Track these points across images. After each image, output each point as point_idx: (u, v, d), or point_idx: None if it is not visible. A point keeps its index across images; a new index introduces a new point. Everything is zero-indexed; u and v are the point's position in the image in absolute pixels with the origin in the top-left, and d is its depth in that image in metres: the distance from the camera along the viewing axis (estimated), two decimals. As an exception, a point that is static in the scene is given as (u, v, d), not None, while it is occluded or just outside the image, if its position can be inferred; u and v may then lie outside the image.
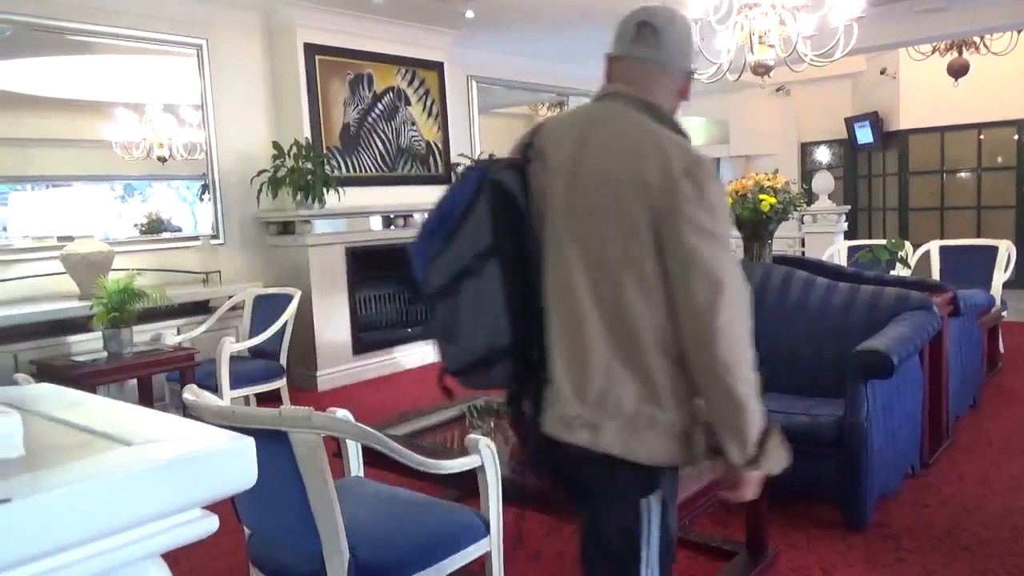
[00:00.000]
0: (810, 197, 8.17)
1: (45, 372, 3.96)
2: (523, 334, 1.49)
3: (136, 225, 5.62)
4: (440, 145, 6.86)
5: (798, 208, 4.55)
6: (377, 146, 6.36)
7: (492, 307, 1.47)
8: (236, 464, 0.61)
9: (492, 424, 3.40)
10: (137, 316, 4.10)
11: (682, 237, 1.37)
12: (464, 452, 2.24)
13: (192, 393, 2.03)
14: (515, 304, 1.47)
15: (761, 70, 4.18)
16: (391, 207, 6.38)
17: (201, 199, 5.80)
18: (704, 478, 2.42)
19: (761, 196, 4.02)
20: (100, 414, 0.80)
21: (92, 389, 3.58)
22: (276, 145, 5.57)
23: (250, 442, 0.64)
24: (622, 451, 1.44)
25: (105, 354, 4.07)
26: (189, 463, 0.60)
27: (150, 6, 5.23)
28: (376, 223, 6.55)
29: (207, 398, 2.07)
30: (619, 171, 1.44)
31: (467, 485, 2.31)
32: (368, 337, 6.16)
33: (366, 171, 6.30)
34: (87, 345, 4.41)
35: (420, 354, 6.48)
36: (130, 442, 0.65)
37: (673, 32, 1.56)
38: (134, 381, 4.38)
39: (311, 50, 5.86)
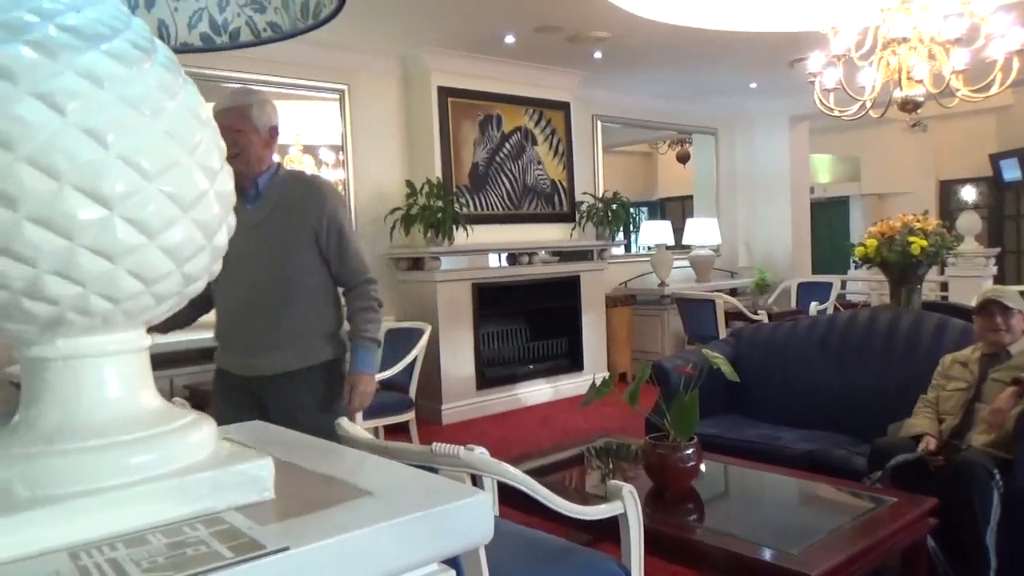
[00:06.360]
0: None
1: (197, 396, 4.23)
2: None
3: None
4: (564, 183, 6.92)
5: (951, 251, 4.30)
6: (504, 185, 6.48)
7: None
8: (477, 517, 0.62)
9: (611, 465, 3.34)
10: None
11: None
12: (600, 496, 2.21)
13: (345, 424, 2.10)
14: None
15: (910, 106, 3.99)
16: (516, 244, 6.47)
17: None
18: (857, 544, 2.29)
19: (911, 239, 3.81)
20: (325, 458, 0.84)
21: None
22: (409, 184, 5.78)
23: (488, 497, 0.65)
24: None
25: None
26: (435, 516, 0.61)
27: (302, 56, 5.56)
28: (501, 259, 6.66)
29: (359, 431, 2.14)
30: None
31: (599, 530, 2.27)
32: (491, 372, 6.23)
33: (493, 209, 6.43)
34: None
35: (542, 391, 6.49)
36: (372, 491, 0.67)
37: None
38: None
39: (444, 93, 6.08)
